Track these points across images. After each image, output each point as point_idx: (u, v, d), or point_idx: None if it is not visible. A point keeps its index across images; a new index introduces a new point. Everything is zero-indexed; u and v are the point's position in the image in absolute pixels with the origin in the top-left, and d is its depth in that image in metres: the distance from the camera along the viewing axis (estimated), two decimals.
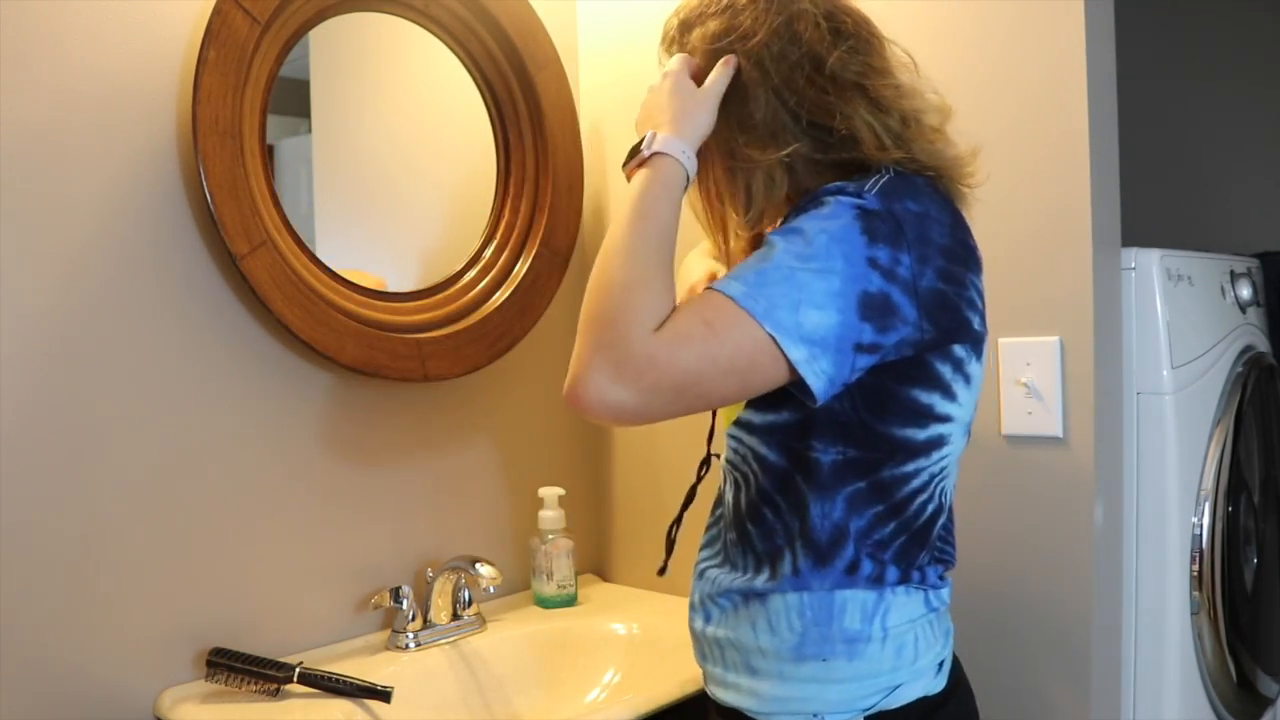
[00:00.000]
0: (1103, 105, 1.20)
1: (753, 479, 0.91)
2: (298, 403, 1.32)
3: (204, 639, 1.23)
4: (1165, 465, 1.28)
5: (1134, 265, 1.28)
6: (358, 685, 1.18)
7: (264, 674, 1.18)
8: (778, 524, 0.89)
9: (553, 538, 1.53)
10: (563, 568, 1.53)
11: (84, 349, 1.14)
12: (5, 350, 1.09)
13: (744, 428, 0.91)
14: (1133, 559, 1.29)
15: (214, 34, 1.18)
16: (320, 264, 1.33)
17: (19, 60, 1.09)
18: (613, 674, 1.39)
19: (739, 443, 0.93)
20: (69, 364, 1.13)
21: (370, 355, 1.33)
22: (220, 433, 1.25)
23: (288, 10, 1.28)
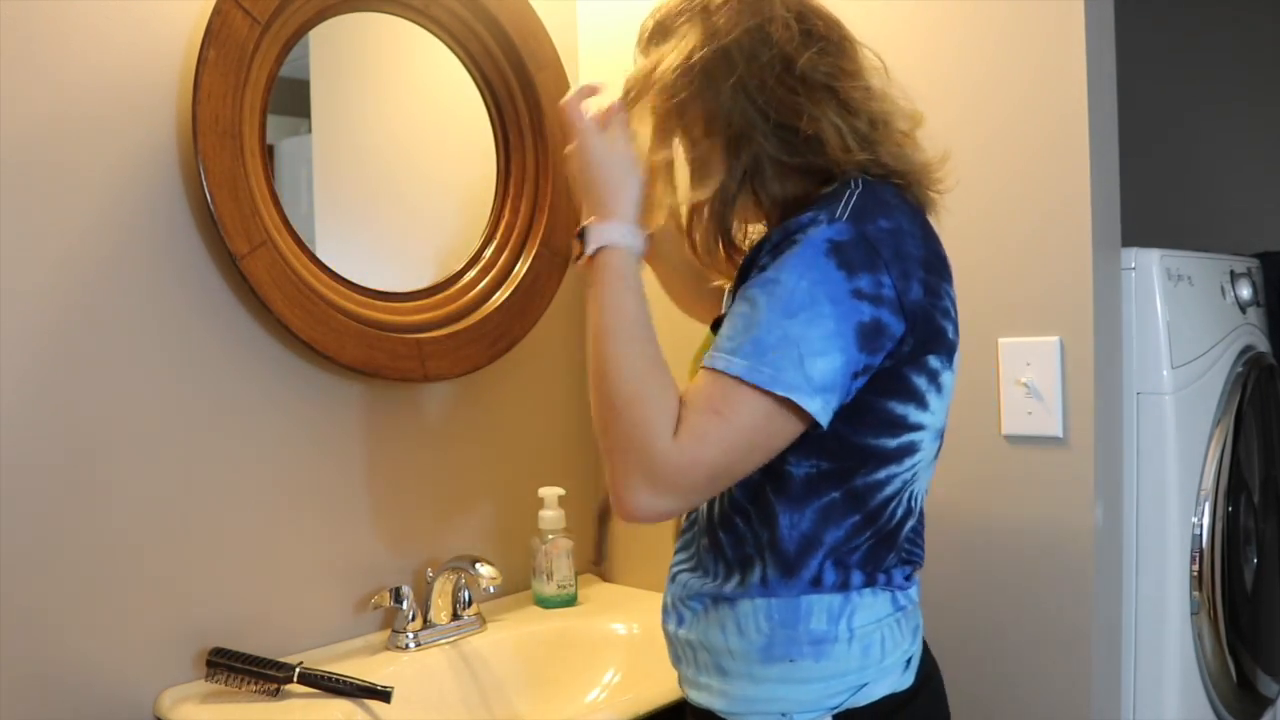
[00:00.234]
0: (1103, 105, 1.20)
1: (727, 488, 0.92)
2: (298, 403, 1.32)
3: (204, 639, 1.23)
4: (1165, 465, 1.28)
5: (1134, 265, 1.28)
6: (358, 685, 1.18)
7: (264, 674, 1.18)
8: (748, 533, 0.90)
9: (553, 538, 1.53)
10: (563, 568, 1.53)
11: (83, 348, 1.14)
12: (5, 349, 1.09)
13: None
14: (1133, 559, 1.29)
15: (214, 34, 1.18)
16: (320, 264, 1.33)
17: (19, 60, 1.09)
18: (613, 674, 1.39)
19: None
20: (69, 363, 1.13)
21: (370, 355, 1.33)
22: (220, 433, 1.25)
23: (288, 10, 1.28)
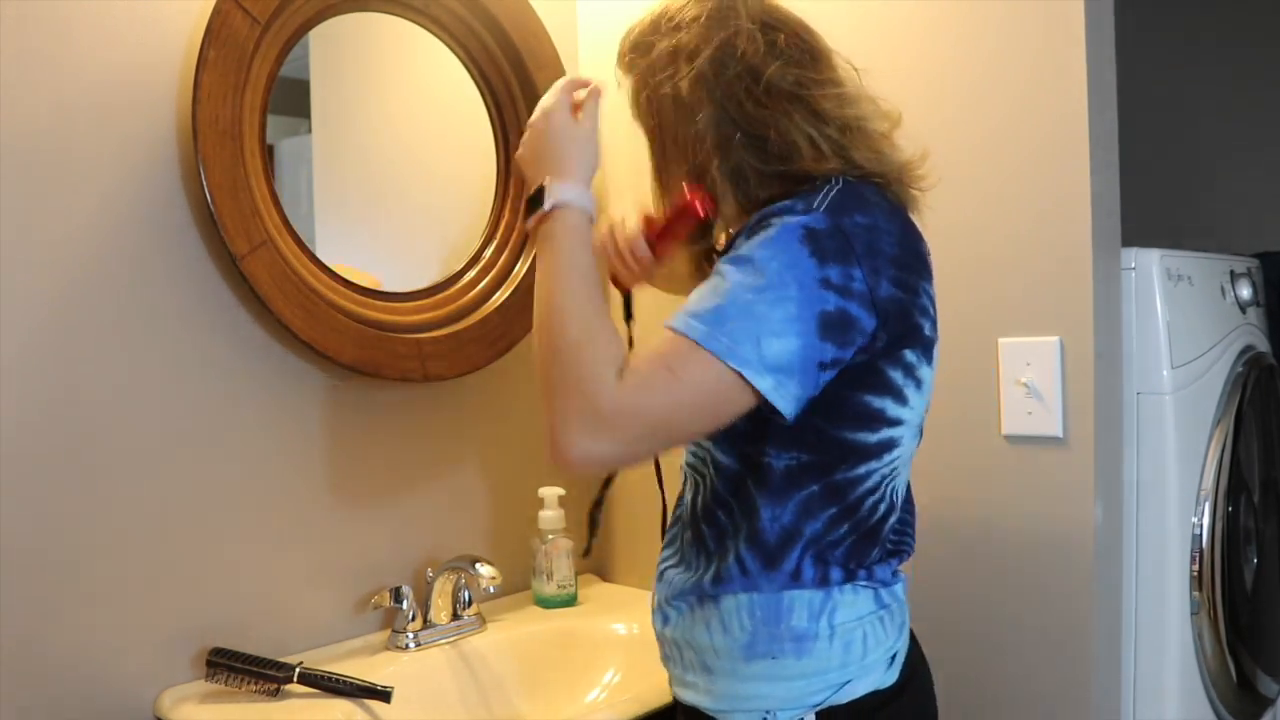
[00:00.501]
0: (1103, 105, 1.20)
1: (709, 481, 0.94)
2: (298, 403, 1.32)
3: (204, 639, 1.23)
4: (1165, 465, 1.28)
5: (1134, 265, 1.28)
6: (358, 685, 1.18)
7: (264, 674, 1.18)
8: (729, 525, 0.91)
9: (553, 538, 1.53)
10: (563, 568, 1.53)
11: (84, 348, 1.14)
12: (5, 349, 1.09)
13: None
14: (1133, 559, 1.29)
15: (214, 34, 1.18)
16: (320, 264, 1.33)
17: (20, 60, 1.09)
18: (613, 674, 1.39)
19: (697, 445, 0.95)
20: (68, 363, 1.13)
21: (370, 355, 1.33)
22: (220, 433, 1.25)
23: (288, 10, 1.28)
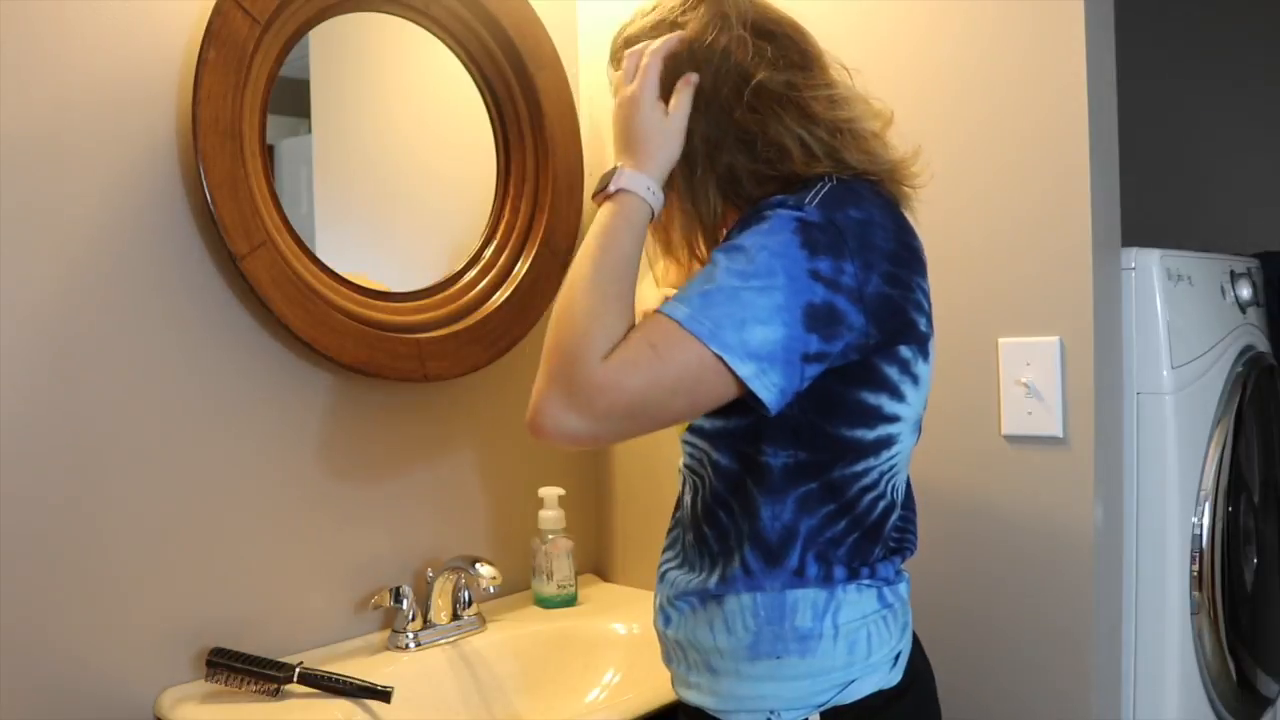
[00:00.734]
0: (1103, 105, 1.20)
1: (707, 482, 0.94)
2: (298, 403, 1.32)
3: (204, 639, 1.23)
4: (1165, 465, 1.28)
5: (1134, 265, 1.28)
6: (358, 685, 1.18)
7: (264, 674, 1.18)
8: (730, 526, 0.91)
9: (553, 538, 1.53)
10: (563, 568, 1.53)
11: (84, 348, 1.14)
12: (5, 349, 1.09)
13: (697, 433, 0.94)
14: (1133, 559, 1.29)
15: (214, 34, 1.18)
16: (320, 264, 1.33)
17: (20, 60, 1.09)
18: (613, 674, 1.39)
19: (694, 447, 0.95)
20: (69, 363, 1.13)
21: (370, 355, 1.33)
22: (220, 433, 1.25)
23: (288, 10, 1.28)
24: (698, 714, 0.93)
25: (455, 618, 1.40)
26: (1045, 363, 1.20)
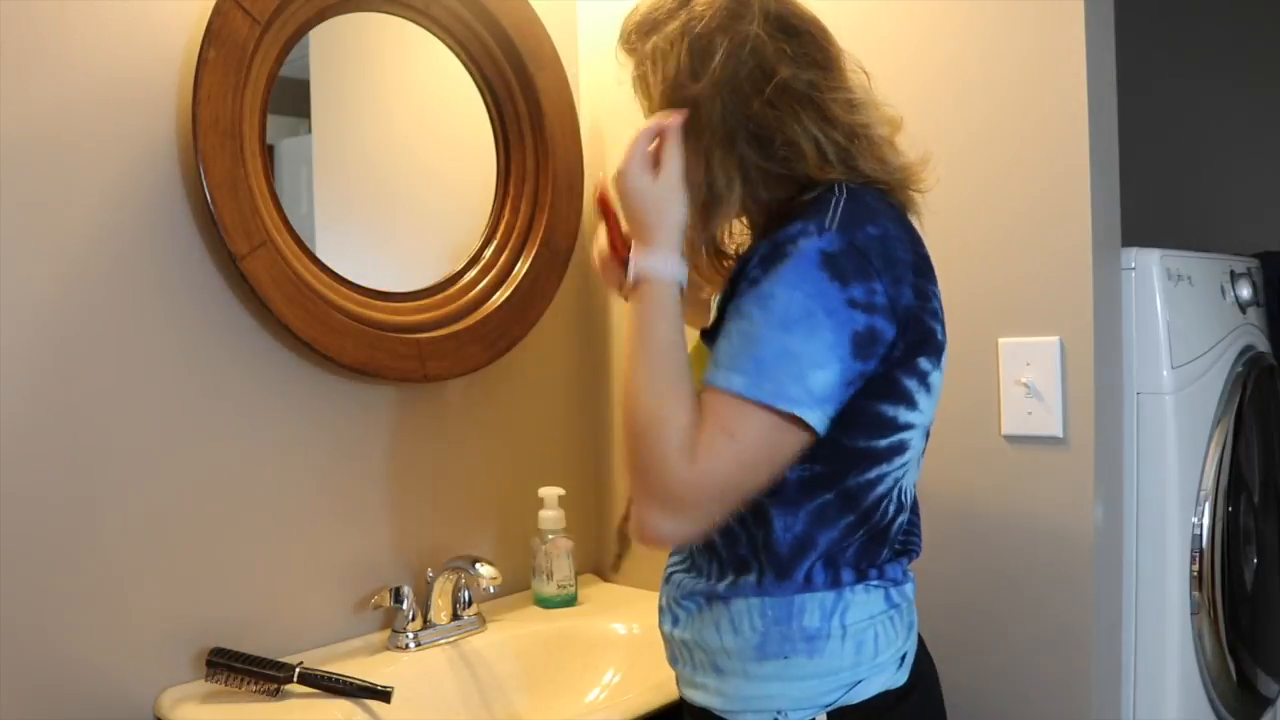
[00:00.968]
0: (1102, 105, 1.20)
1: None
2: (298, 403, 1.32)
3: (204, 639, 1.22)
4: (1165, 465, 1.28)
5: (1134, 265, 1.28)
6: (358, 685, 1.18)
7: (264, 674, 1.18)
8: (742, 534, 0.91)
9: (553, 538, 1.53)
10: (563, 568, 1.53)
11: (84, 348, 1.14)
12: (6, 348, 1.09)
13: None
14: (1133, 559, 1.29)
15: (214, 34, 1.18)
16: (320, 264, 1.33)
17: (20, 60, 1.09)
18: (613, 674, 1.39)
19: None
20: (69, 363, 1.13)
21: (370, 355, 1.33)
22: (220, 433, 1.25)
23: (288, 10, 1.28)
24: (704, 715, 0.93)
25: (455, 618, 1.40)
26: (1045, 363, 1.20)
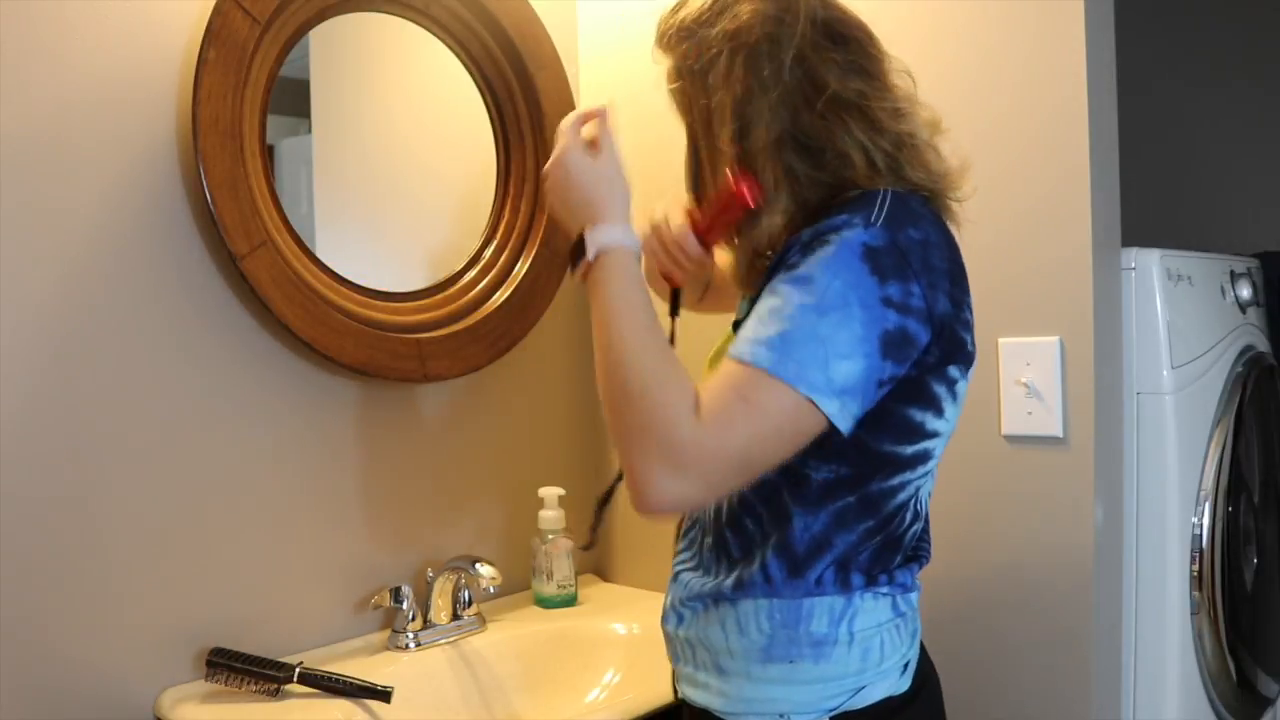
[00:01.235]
0: (1103, 105, 1.20)
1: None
2: (298, 403, 1.32)
3: (204, 639, 1.23)
4: (1165, 465, 1.28)
5: (1134, 265, 1.28)
6: (358, 685, 1.18)
7: (264, 674, 1.18)
8: (757, 533, 0.90)
9: (553, 538, 1.53)
10: (563, 568, 1.53)
11: (84, 348, 1.14)
12: (6, 348, 1.09)
13: None
14: (1133, 559, 1.29)
15: (214, 34, 1.18)
16: (320, 264, 1.33)
17: (20, 60, 1.09)
18: (613, 674, 1.39)
19: None
20: (69, 363, 1.13)
21: (370, 355, 1.33)
22: (220, 432, 1.25)
23: (288, 10, 1.28)
24: (704, 715, 0.92)
25: (455, 618, 1.40)
26: (1045, 363, 1.20)
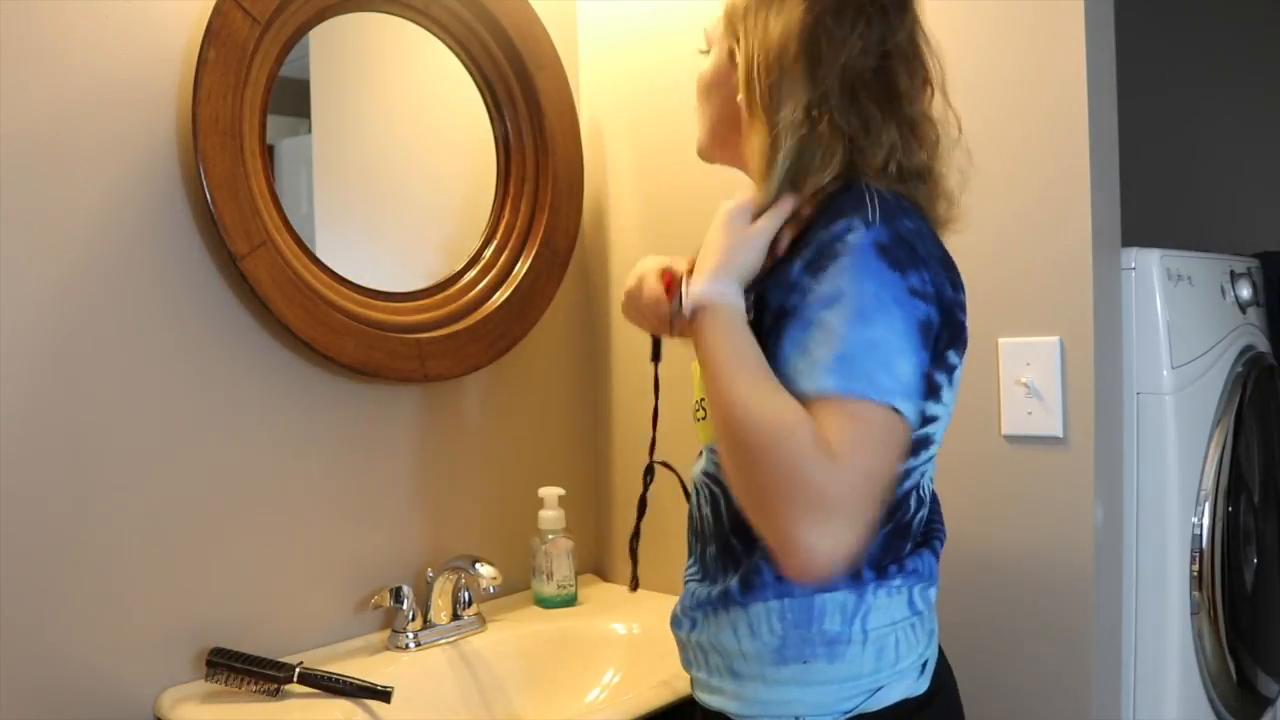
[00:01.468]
0: (1103, 105, 1.20)
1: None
2: (298, 403, 1.32)
3: (204, 639, 1.23)
4: (1165, 465, 1.28)
5: (1134, 265, 1.28)
6: (358, 685, 1.18)
7: (264, 674, 1.18)
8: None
9: (553, 538, 1.53)
10: (563, 568, 1.53)
11: (84, 348, 1.14)
12: (6, 348, 1.09)
13: None
14: (1133, 559, 1.29)
15: (214, 34, 1.18)
16: (320, 264, 1.33)
17: (20, 60, 1.09)
18: (613, 674, 1.39)
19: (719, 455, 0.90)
20: (69, 363, 1.13)
21: (370, 355, 1.33)
22: (220, 432, 1.25)
23: (288, 10, 1.28)
24: (719, 719, 0.91)
25: (455, 618, 1.40)
26: (1045, 363, 1.20)
